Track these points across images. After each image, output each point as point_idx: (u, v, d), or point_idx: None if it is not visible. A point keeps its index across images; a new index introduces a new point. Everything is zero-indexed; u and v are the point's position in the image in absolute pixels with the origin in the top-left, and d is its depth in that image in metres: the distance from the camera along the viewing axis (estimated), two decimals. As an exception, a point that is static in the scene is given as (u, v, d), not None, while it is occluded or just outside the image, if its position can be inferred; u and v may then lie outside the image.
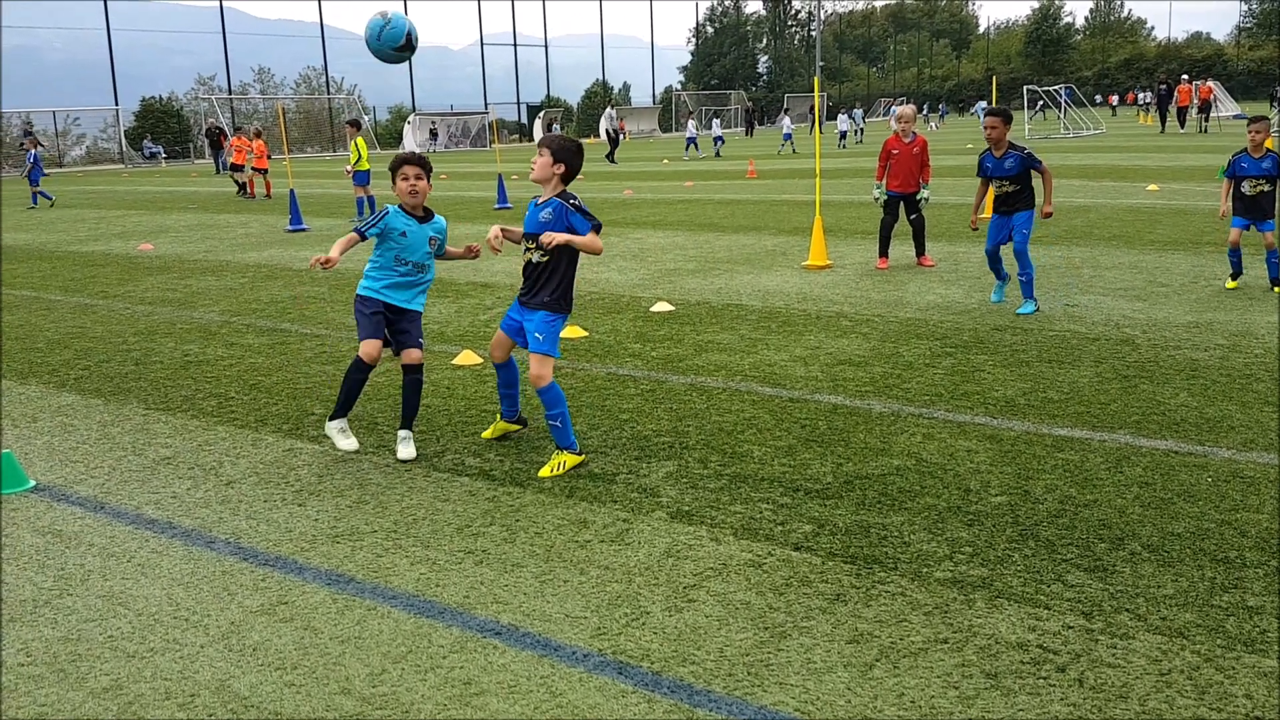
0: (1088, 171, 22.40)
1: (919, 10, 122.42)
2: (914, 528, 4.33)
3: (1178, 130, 39.06)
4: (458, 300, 10.19)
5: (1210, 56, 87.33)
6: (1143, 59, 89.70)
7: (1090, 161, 25.53)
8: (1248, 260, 9.57)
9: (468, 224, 17.43)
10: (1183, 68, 73.03)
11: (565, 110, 79.32)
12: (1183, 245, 11.69)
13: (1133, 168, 23.08)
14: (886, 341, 7.72)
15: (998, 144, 8.48)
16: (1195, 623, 3.46)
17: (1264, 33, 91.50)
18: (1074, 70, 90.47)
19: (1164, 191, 17.58)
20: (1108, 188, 18.74)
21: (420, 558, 4.23)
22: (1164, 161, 24.59)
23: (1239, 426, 5.43)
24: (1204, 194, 16.96)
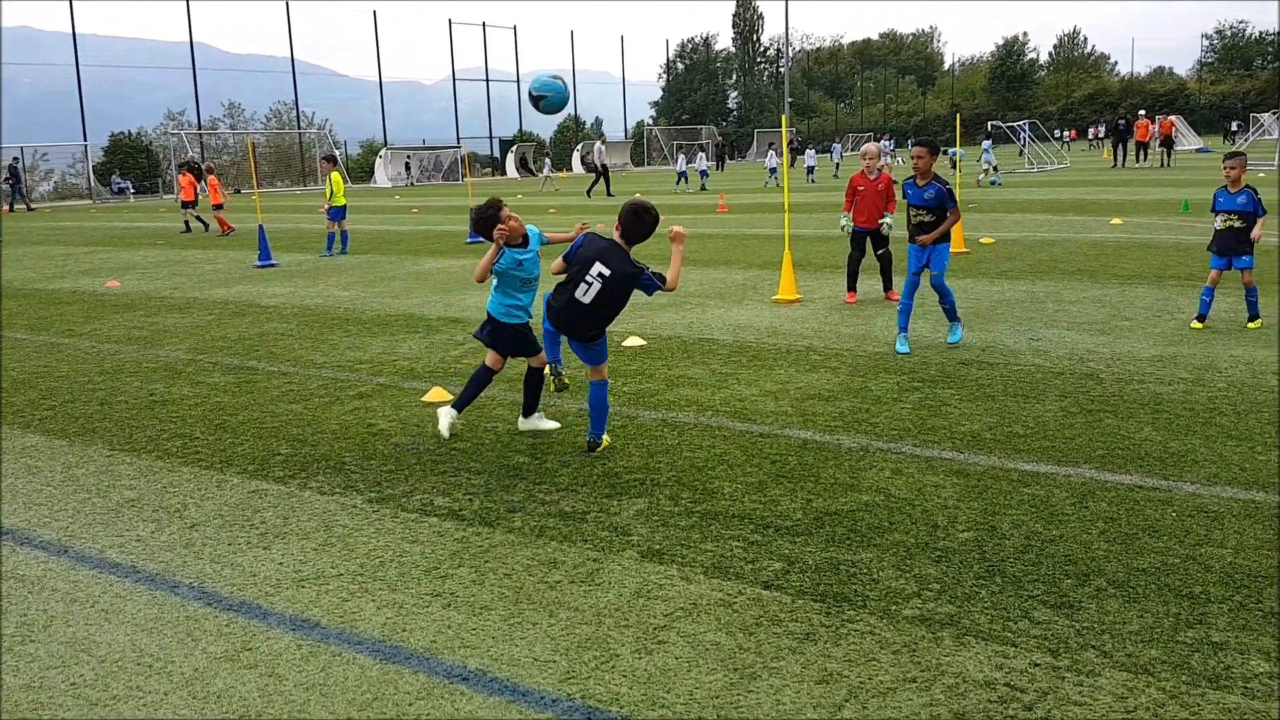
0: (1051, 206, 22.74)
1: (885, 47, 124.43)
2: (883, 564, 4.34)
3: (1135, 165, 39.65)
4: (428, 336, 10.17)
5: (1173, 91, 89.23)
6: (1106, 94, 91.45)
7: (1054, 196, 25.93)
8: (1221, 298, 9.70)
9: (438, 258, 17.44)
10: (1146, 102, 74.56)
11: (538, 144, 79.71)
12: (1146, 279, 11.87)
13: (1096, 202, 23.45)
14: (855, 376, 7.77)
15: (923, 174, 8.62)
16: (1160, 659, 3.48)
17: (1225, 67, 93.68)
18: (1038, 105, 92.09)
19: (1128, 225, 17.87)
20: (1072, 222, 19.02)
21: (387, 601, 4.19)
22: (1128, 195, 25.01)
23: (1203, 461, 5.50)
24: (1167, 228, 17.26)
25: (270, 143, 67.42)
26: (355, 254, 18.95)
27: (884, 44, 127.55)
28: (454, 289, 13.56)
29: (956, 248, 15.04)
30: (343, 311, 12.01)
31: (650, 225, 5.80)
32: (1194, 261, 12.38)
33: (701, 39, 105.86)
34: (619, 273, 5.72)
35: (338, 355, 9.37)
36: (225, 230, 24.82)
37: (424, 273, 15.63)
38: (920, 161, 8.59)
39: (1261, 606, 3.82)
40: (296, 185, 62.76)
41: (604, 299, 5.77)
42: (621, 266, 5.74)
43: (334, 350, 9.62)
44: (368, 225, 26.37)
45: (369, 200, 41.66)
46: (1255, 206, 8.88)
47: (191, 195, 26.56)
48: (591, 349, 5.97)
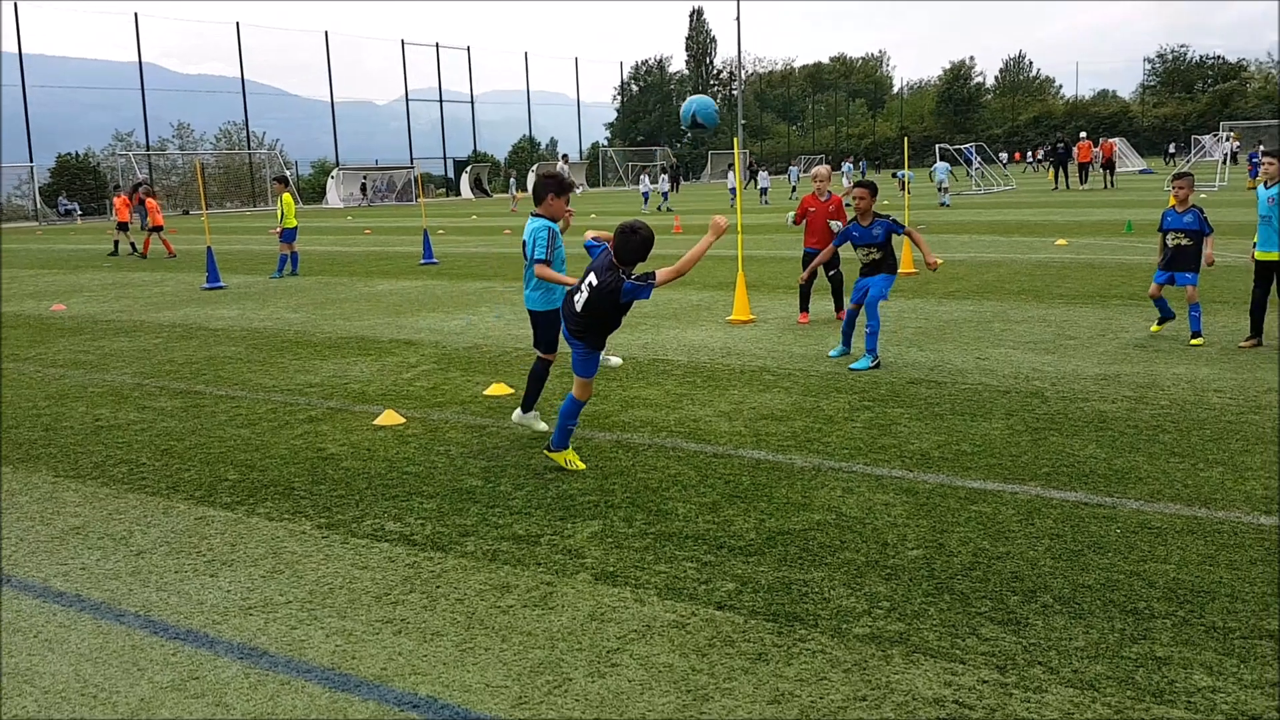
0: (998, 227, 23.14)
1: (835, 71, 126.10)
2: (834, 583, 4.37)
3: (1078, 187, 40.38)
4: (380, 358, 10.09)
5: (1116, 114, 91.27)
6: (1051, 117, 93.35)
7: (1000, 217, 26.38)
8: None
9: (391, 280, 17.34)
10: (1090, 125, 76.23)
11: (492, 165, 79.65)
12: (1091, 299, 12.11)
13: (1041, 223, 23.91)
14: (808, 396, 7.84)
15: (866, 213, 8.87)
16: (1106, 674, 3.54)
17: (1167, 90, 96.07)
18: (985, 128, 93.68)
19: (1072, 246, 18.23)
20: (1018, 243, 19.37)
21: (336, 629, 4.14)
22: (1072, 217, 25.52)
23: (1146, 478, 5.61)
24: (1111, 248, 17.63)
25: (220, 163, 66.72)
26: (306, 275, 18.78)
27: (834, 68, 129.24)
28: (407, 311, 13.49)
29: (905, 268, 15.24)
30: (293, 334, 11.89)
31: (638, 245, 5.77)
32: (1137, 281, 12.65)
33: (655, 61, 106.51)
34: (602, 284, 5.78)
35: (287, 378, 9.27)
36: (169, 253, 24.50)
37: (376, 294, 15.52)
38: (862, 202, 8.88)
39: (1204, 621, 3.90)
40: (247, 206, 62.09)
41: (591, 308, 5.86)
42: (605, 279, 5.78)
43: (283, 373, 9.52)
44: (319, 246, 26.15)
45: (321, 221, 41.32)
46: (1202, 225, 9.20)
47: (126, 216, 26.24)
48: (578, 351, 5.98)
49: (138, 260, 24.20)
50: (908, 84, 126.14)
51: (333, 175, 62.63)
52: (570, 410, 6.05)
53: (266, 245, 26.37)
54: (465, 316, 12.78)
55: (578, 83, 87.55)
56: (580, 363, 6.03)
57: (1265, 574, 4.30)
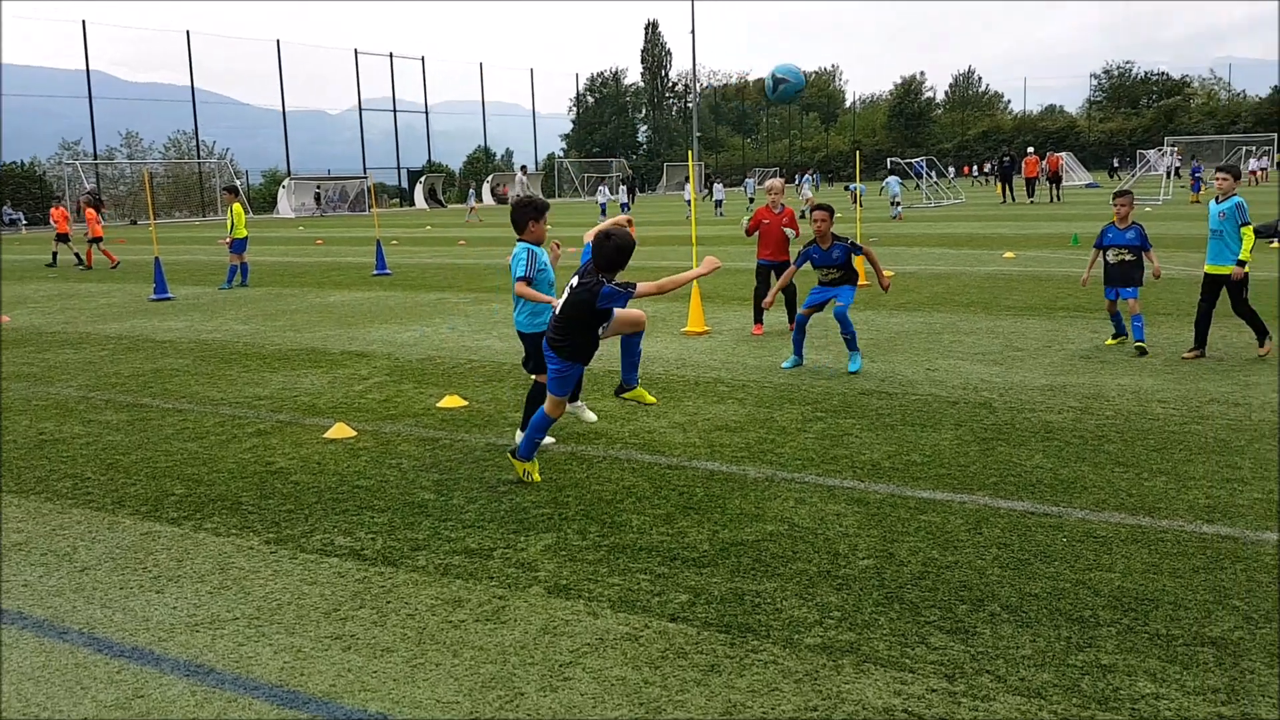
0: (948, 240, 23.46)
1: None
2: (786, 594, 4.40)
3: (1025, 201, 41.03)
4: (331, 371, 9.99)
5: (1064, 128, 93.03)
6: (1000, 131, 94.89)
7: (950, 230, 26.75)
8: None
9: (343, 290, 17.18)
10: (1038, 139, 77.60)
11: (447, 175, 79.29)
12: (1038, 311, 12.31)
13: (990, 236, 24.28)
14: (761, 407, 7.88)
15: (824, 237, 9.02)
16: (1052, 682, 3.59)
17: (1113, 106, 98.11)
18: (935, 142, 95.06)
19: (1020, 259, 18.52)
20: (967, 255, 19.65)
21: (284, 645, 4.09)
22: (1020, 230, 25.94)
23: (1091, 487, 5.71)
24: (1058, 260, 17.94)
25: (169, 173, 65.75)
26: (256, 286, 18.55)
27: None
28: (359, 322, 13.37)
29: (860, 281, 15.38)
30: (242, 346, 11.73)
31: (612, 251, 5.65)
32: (1083, 294, 12.88)
33: (611, 73, 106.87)
34: (581, 286, 5.71)
35: (236, 391, 9.14)
36: (111, 263, 24.07)
37: (328, 305, 15.37)
38: (822, 225, 9.03)
39: (1148, 629, 3.97)
40: (196, 216, 61.23)
41: (569, 310, 5.77)
42: (584, 280, 5.71)
43: (232, 386, 9.39)
44: (270, 257, 25.86)
45: (271, 231, 40.86)
46: (1143, 241, 9.44)
47: (65, 228, 25.79)
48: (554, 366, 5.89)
49: (83, 271, 23.76)
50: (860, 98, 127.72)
51: (284, 185, 61.97)
52: (541, 424, 6.00)
53: (216, 256, 26.03)
54: (419, 328, 12.69)
55: (533, 94, 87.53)
56: (555, 379, 5.92)
57: (1207, 582, 4.39)
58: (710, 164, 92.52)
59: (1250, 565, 4.54)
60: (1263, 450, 6.26)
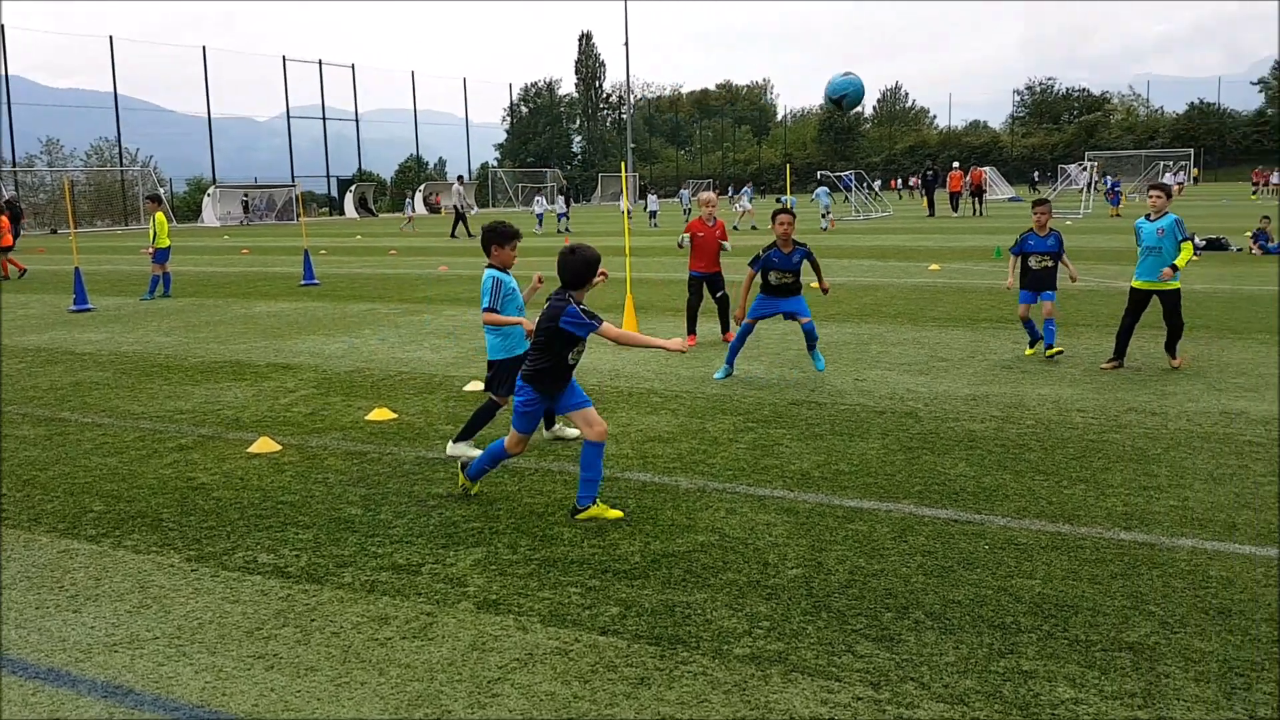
0: (875, 252, 23.85)
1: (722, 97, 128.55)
2: (716, 604, 4.42)
3: (949, 214, 41.89)
4: (256, 384, 9.80)
5: (987, 143, 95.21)
6: (926, 146, 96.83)
7: (878, 243, 27.19)
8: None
9: (269, 301, 16.88)
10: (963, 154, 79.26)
11: (378, 184, 78.42)
12: (961, 321, 12.56)
13: (916, 248, 24.74)
14: (694, 417, 7.91)
15: (786, 241, 9.11)
16: (975, 689, 3.66)
17: (1035, 121, 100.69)
18: (864, 156, 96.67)
19: (945, 271, 18.89)
20: (894, 267, 19.99)
21: (206, 665, 3.99)
22: (944, 243, 26.47)
23: (1013, 495, 5.84)
24: (981, 273, 18.33)
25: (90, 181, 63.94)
26: (179, 297, 18.14)
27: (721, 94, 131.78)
28: (285, 333, 13.14)
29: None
30: (164, 358, 11.46)
31: (580, 265, 5.54)
32: (1004, 305, 13.18)
33: (545, 83, 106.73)
34: (550, 305, 5.56)
35: (157, 405, 8.92)
36: (19, 271, 23.33)
37: (253, 316, 15.08)
38: (788, 228, 9.06)
39: (1067, 635, 4.07)
40: (118, 225, 59.69)
41: (538, 329, 5.63)
42: (553, 299, 5.58)
43: (153, 400, 9.16)
44: (194, 267, 25.32)
45: (196, 241, 40.01)
46: (1060, 247, 9.81)
47: None
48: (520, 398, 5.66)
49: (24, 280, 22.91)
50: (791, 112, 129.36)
51: (209, 193, 60.72)
52: (497, 454, 5.80)
53: (138, 266, 25.39)
54: (347, 339, 12.52)
55: (466, 103, 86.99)
56: (521, 414, 5.66)
57: (1125, 588, 4.51)
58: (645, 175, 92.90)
59: (1166, 571, 4.67)
60: (1179, 458, 6.46)
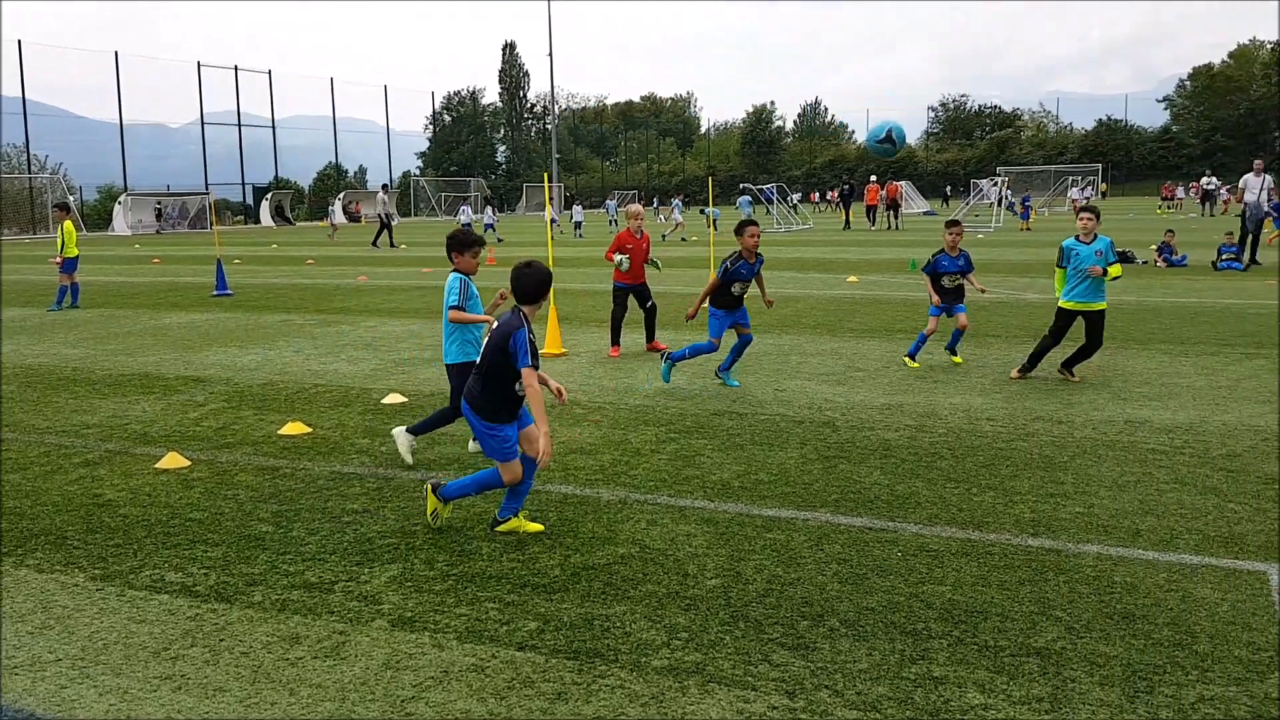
0: (796, 264, 24.17)
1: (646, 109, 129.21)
2: (635, 616, 4.42)
3: (866, 227, 42.66)
4: (165, 397, 9.54)
5: (903, 158, 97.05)
6: (845, 160, 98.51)
7: (799, 254, 27.57)
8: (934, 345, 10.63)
9: (180, 312, 16.44)
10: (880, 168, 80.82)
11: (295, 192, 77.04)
12: (878, 332, 12.80)
13: (835, 260, 25.14)
14: (616, 429, 7.92)
15: (752, 251, 9.27)
16: (887, 695, 3.71)
17: (949, 137, 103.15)
18: (785, 170, 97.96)
19: (862, 283, 19.23)
20: (814, 279, 20.28)
21: (110, 687, 3.86)
22: (862, 255, 26.95)
23: (925, 502, 5.95)
24: (896, 285, 18.70)
25: (-6, 187, 61.67)
26: (87, 308, 17.57)
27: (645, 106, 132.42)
28: (196, 345, 12.82)
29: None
30: (70, 371, 11.08)
31: (529, 279, 5.36)
32: (919, 316, 13.45)
33: (468, 92, 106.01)
34: (503, 322, 5.35)
35: (63, 419, 8.62)
36: None
37: (164, 328, 14.69)
38: (756, 240, 9.20)
39: (977, 640, 4.15)
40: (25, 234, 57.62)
41: (486, 348, 5.40)
42: (507, 317, 5.37)
43: (58, 414, 8.85)
44: (103, 277, 24.57)
45: (106, 250, 38.84)
46: (969, 265, 10.34)
47: None
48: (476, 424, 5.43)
49: None
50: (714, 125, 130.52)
51: (120, 201, 58.99)
52: (487, 482, 5.51)
53: (45, 275, 24.55)
54: (260, 351, 12.26)
55: (387, 110, 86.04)
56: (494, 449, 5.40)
57: (1032, 593, 4.62)
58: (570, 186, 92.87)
59: (1072, 577, 4.81)
60: (1084, 466, 6.65)
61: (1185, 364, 10.18)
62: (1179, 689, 3.72)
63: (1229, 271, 20.01)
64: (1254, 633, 4.18)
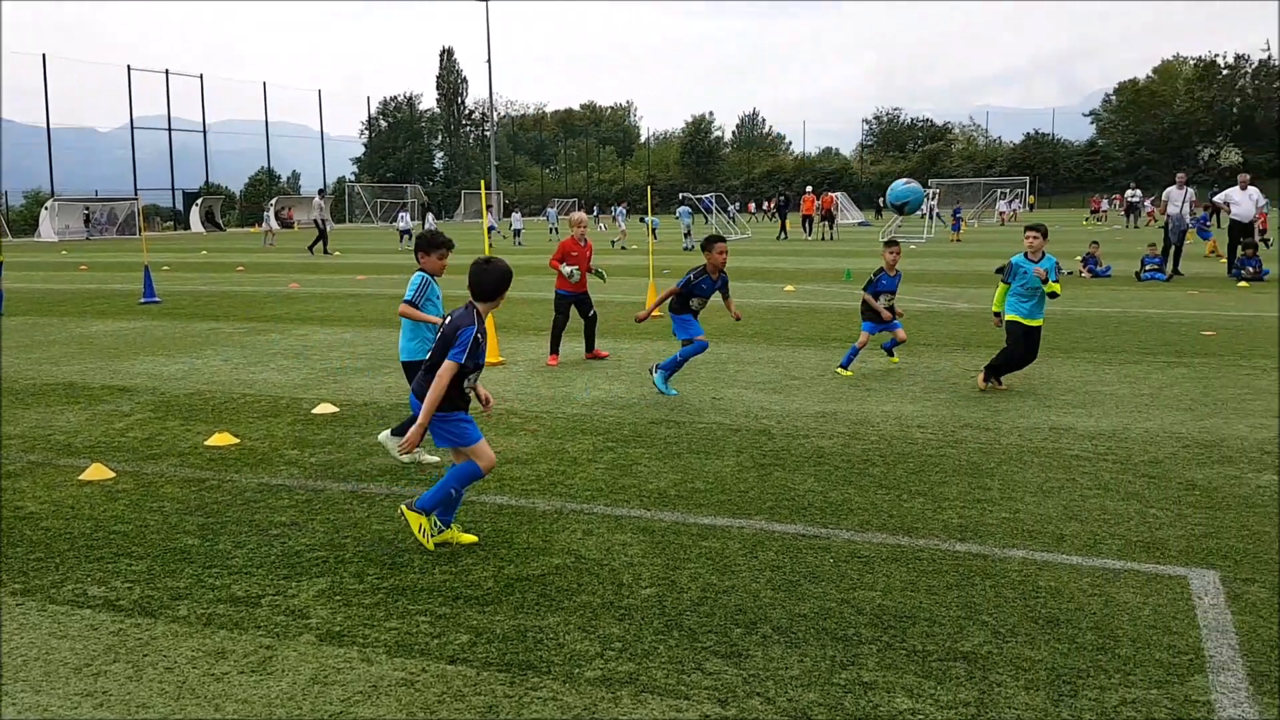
0: (734, 273, 24.14)
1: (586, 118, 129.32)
2: (569, 627, 4.40)
3: (801, 237, 43.11)
4: (90, 407, 9.29)
5: (839, 170, 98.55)
6: (782, 171, 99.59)
7: (737, 264, 27.74)
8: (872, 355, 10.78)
9: (108, 320, 16.05)
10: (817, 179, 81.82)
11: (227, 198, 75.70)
12: (813, 341, 12.94)
13: (773, 270, 25.38)
14: (553, 438, 7.89)
15: (719, 269, 9.49)
16: (818, 701, 3.75)
17: (882, 149, 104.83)
18: (724, 180, 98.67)
19: (799, 292, 19.43)
20: (752, 288, 20.44)
21: (30, 704, 3.75)
22: (799, 265, 27.24)
23: (857, 509, 6.03)
24: (831, 294, 18.93)
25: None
26: (11, 316, 17.06)
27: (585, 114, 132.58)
28: (123, 354, 12.51)
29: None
30: (-11, 380, 10.75)
31: (488, 276, 5.25)
32: (854, 325, 13.60)
33: (405, 97, 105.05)
34: (454, 316, 5.24)
35: (-20, 430, 8.35)
36: None
37: (90, 336, 14.32)
38: (724, 257, 9.50)
39: (905, 645, 4.21)
40: (-59, 237, 55.81)
41: (436, 341, 5.30)
42: (457, 312, 5.24)
43: (-25, 425, 8.57)
44: (28, 284, 23.88)
45: (31, 256, 37.76)
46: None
47: None
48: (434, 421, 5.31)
49: None
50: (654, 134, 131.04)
51: (47, 206, 57.43)
52: (462, 478, 5.35)
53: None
54: (188, 360, 12.00)
55: (321, 115, 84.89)
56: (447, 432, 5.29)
57: (960, 598, 4.70)
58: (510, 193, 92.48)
59: (998, 581, 4.90)
60: (1010, 472, 6.79)
61: (1109, 372, 10.45)
62: (1102, 692, 3.81)
63: (1152, 282, 20.58)
64: (1174, 636, 4.29)
